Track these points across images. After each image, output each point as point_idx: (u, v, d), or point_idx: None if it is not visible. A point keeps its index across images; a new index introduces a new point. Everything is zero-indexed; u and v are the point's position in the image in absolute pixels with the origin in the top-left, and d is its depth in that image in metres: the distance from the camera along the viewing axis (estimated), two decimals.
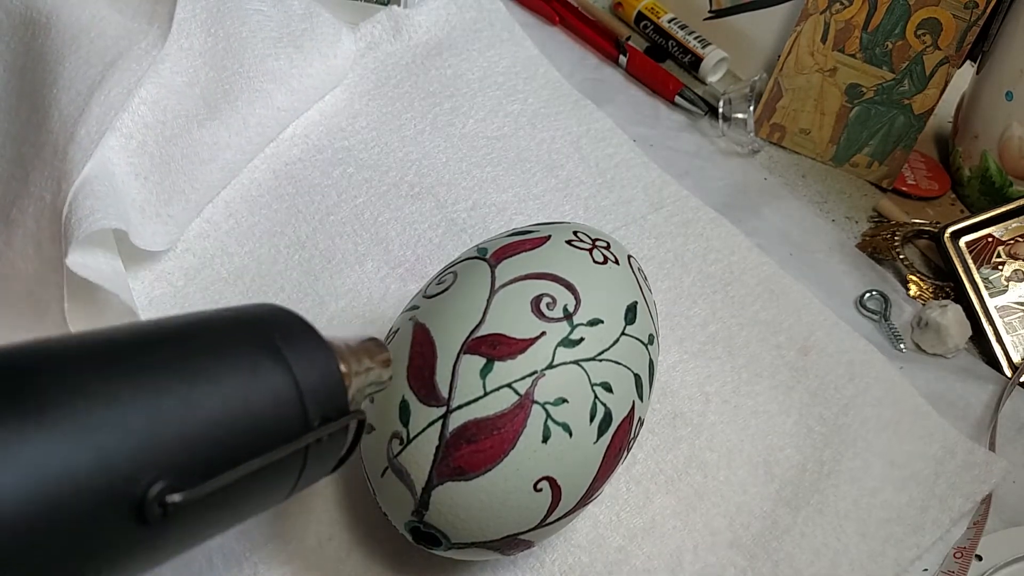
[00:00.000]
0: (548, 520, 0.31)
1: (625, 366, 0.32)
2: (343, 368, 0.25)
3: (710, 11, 0.60)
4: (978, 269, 0.50)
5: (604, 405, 0.31)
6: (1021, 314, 0.50)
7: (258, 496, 0.22)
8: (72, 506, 0.17)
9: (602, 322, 0.32)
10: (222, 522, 0.22)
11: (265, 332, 0.23)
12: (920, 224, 0.53)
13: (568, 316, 0.31)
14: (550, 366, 0.30)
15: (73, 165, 0.39)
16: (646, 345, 0.33)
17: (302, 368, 0.23)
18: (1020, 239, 0.51)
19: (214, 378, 0.21)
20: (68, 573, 0.17)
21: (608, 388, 0.31)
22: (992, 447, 0.44)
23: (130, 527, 0.18)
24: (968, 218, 0.51)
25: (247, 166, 0.48)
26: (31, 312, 0.38)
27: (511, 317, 0.31)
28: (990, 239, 0.51)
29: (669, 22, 0.60)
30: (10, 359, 0.18)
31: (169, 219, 0.43)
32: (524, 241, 0.34)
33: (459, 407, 0.30)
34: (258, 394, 0.21)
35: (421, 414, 0.30)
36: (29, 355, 0.18)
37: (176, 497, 0.18)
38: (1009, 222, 0.51)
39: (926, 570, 0.40)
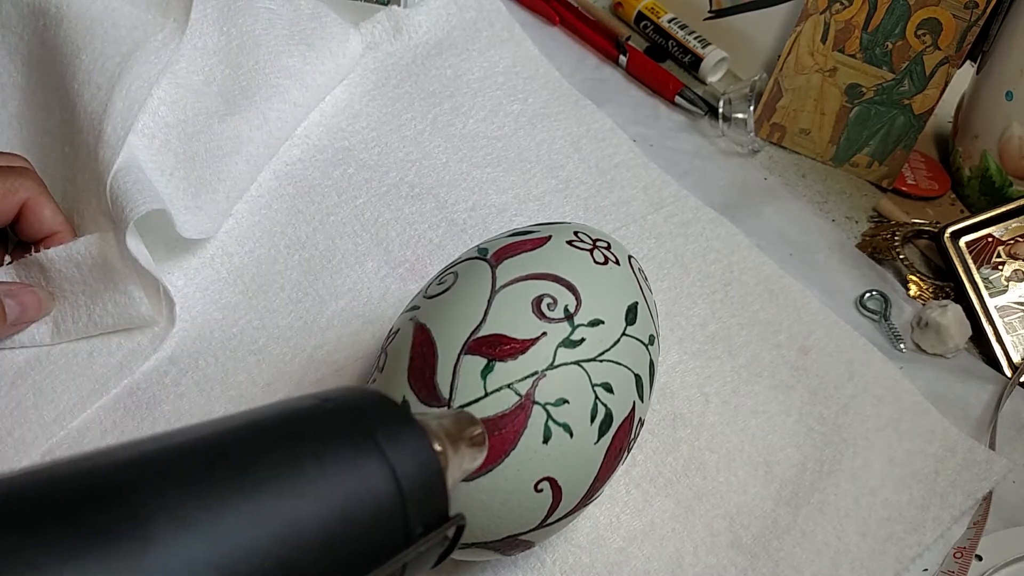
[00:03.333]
0: (549, 520, 0.31)
1: (626, 367, 0.32)
2: (439, 456, 0.22)
3: (710, 11, 0.60)
4: (978, 269, 0.50)
5: (605, 406, 0.31)
6: (1021, 314, 0.50)
7: None
8: None
9: (603, 322, 0.32)
10: None
11: (367, 430, 0.21)
12: (920, 224, 0.53)
13: (569, 316, 0.31)
14: (551, 366, 0.30)
15: (105, 166, 0.40)
16: (647, 345, 0.33)
17: (404, 467, 0.21)
18: (1020, 239, 0.51)
19: (321, 493, 0.19)
20: None
21: (609, 389, 0.31)
22: (992, 447, 0.44)
23: None
24: (968, 218, 0.51)
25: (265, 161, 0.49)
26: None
27: (512, 317, 0.31)
28: (990, 239, 0.51)
29: (669, 22, 0.60)
30: (105, 476, 0.17)
31: (199, 211, 0.43)
32: (525, 241, 0.34)
33: (460, 407, 0.30)
34: (361, 506, 0.20)
35: None
36: (126, 471, 0.17)
37: None
38: (1009, 222, 0.51)
39: (926, 570, 0.40)
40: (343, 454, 0.20)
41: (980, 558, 0.40)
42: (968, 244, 0.51)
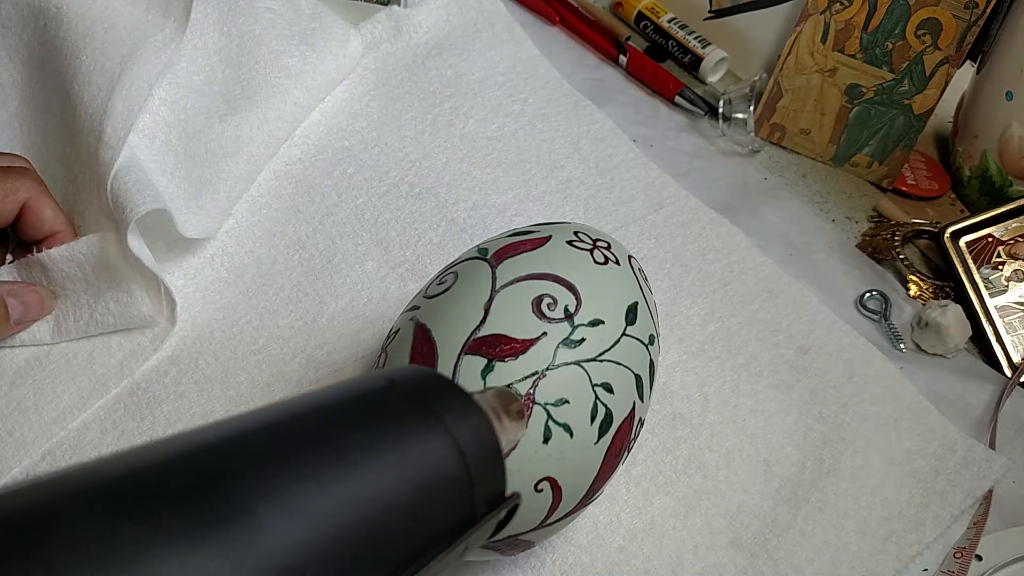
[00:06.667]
0: (549, 520, 0.31)
1: (626, 367, 0.32)
2: (496, 432, 0.23)
3: (710, 11, 0.60)
4: (978, 269, 0.50)
5: (605, 406, 0.31)
6: (1021, 314, 0.50)
7: None
8: None
9: (603, 322, 0.32)
10: None
11: (435, 409, 0.21)
12: (920, 224, 0.53)
13: (569, 316, 0.31)
14: (551, 367, 0.30)
15: (106, 166, 0.40)
16: (647, 345, 0.33)
17: (469, 446, 0.21)
18: (1020, 239, 0.51)
19: (402, 472, 0.19)
20: None
21: (609, 389, 0.31)
22: (992, 447, 0.44)
23: None
24: (968, 218, 0.51)
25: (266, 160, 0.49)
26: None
27: (512, 317, 0.31)
28: (990, 239, 0.51)
29: (669, 22, 0.60)
30: (203, 463, 0.17)
31: (199, 210, 0.43)
32: (525, 241, 0.34)
33: None
34: (436, 484, 0.20)
35: None
36: (222, 457, 0.17)
37: None
38: (1009, 222, 0.51)
39: (926, 570, 0.40)
40: (418, 434, 0.20)
41: (980, 558, 0.40)
42: (968, 244, 0.51)
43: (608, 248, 0.35)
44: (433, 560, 0.19)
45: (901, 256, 0.51)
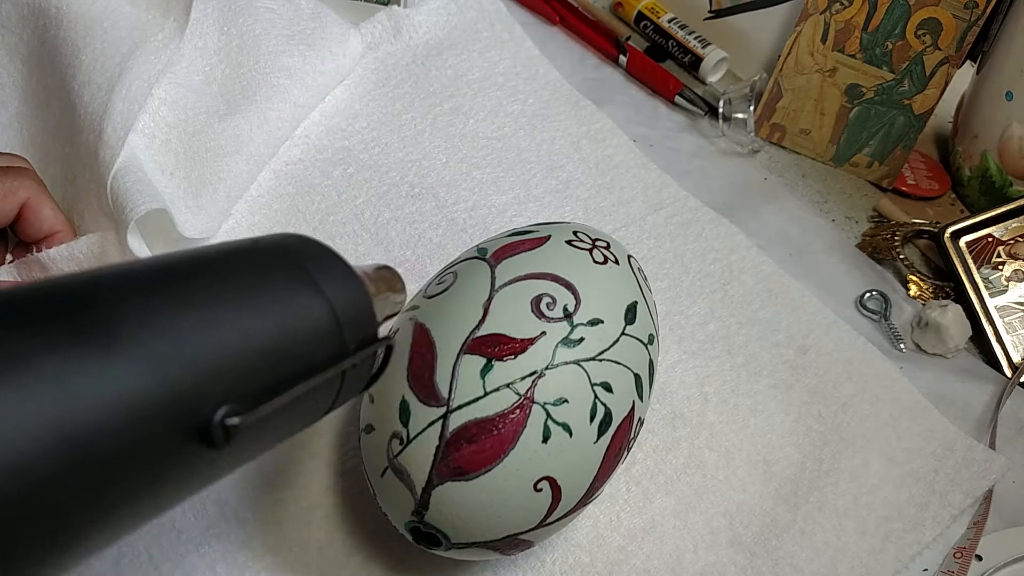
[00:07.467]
0: (548, 520, 0.31)
1: (625, 366, 0.32)
2: (366, 287, 0.26)
3: (710, 11, 0.60)
4: (978, 269, 0.50)
5: (604, 405, 0.31)
6: (1021, 314, 0.50)
7: (302, 416, 0.24)
8: (144, 432, 0.19)
9: (602, 322, 0.32)
10: (269, 441, 0.24)
11: (299, 262, 0.24)
12: (920, 224, 0.53)
13: (568, 316, 0.31)
14: (550, 366, 0.30)
15: (106, 166, 0.40)
16: (646, 345, 0.33)
17: (337, 296, 0.24)
18: (1020, 239, 0.51)
19: (262, 308, 0.22)
20: (141, 492, 0.19)
21: (608, 388, 0.31)
22: (992, 447, 0.44)
23: (196, 449, 0.20)
24: (968, 218, 0.51)
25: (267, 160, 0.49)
26: None
27: (511, 317, 0.31)
28: (990, 239, 0.51)
29: (669, 22, 0.60)
30: (80, 289, 0.20)
31: (199, 210, 0.43)
32: (524, 241, 0.34)
33: (459, 407, 0.30)
34: (301, 322, 0.23)
35: (421, 414, 0.30)
36: (97, 285, 0.20)
37: (236, 420, 0.20)
38: (1009, 222, 0.51)
39: (926, 570, 0.40)
40: (281, 281, 0.23)
41: (980, 558, 0.40)
42: (968, 244, 0.51)
43: (607, 248, 0.35)
44: (301, 384, 0.22)
45: (901, 256, 0.51)
